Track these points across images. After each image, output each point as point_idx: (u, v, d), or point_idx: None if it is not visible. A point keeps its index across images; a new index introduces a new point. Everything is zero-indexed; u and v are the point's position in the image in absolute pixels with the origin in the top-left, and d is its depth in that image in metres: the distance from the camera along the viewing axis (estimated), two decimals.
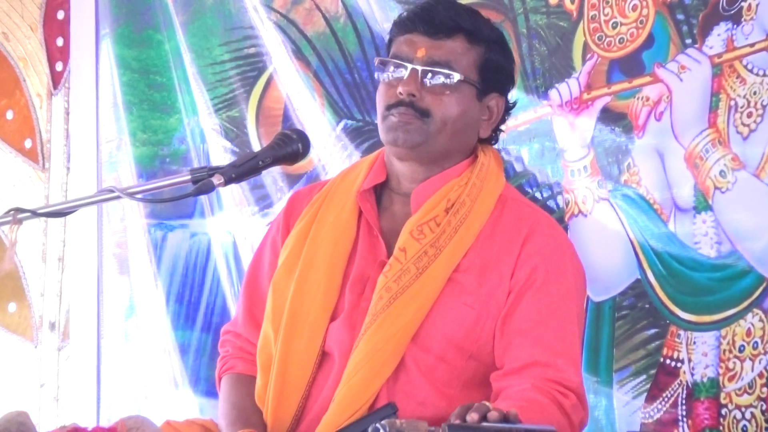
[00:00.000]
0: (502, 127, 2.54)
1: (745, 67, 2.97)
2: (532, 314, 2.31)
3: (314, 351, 2.37)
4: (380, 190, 2.47)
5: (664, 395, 3.07)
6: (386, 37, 2.56)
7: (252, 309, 2.53)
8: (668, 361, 3.07)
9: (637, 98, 3.16)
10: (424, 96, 2.37)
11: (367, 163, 2.49)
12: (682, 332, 3.05)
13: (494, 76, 2.43)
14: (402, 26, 2.44)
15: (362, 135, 3.78)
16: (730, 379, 2.95)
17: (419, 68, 2.37)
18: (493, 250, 2.36)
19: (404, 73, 2.38)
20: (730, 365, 2.95)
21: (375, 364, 2.29)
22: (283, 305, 2.41)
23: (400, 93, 2.37)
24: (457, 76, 2.36)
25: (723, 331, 2.97)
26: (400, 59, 2.39)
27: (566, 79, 3.32)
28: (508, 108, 2.50)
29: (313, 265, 2.41)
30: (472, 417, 1.92)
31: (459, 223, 2.36)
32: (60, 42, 4.74)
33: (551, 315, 2.31)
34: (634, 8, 3.20)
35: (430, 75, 2.37)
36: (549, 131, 3.34)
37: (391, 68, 2.41)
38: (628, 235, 3.15)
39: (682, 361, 3.04)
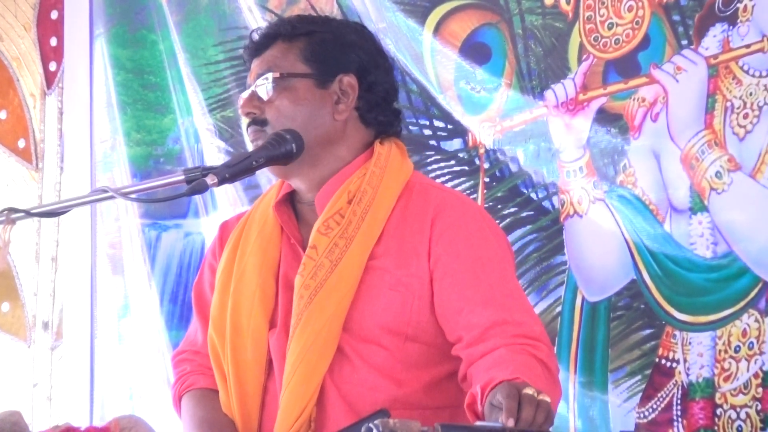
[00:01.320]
0: (387, 106, 2.49)
1: (741, 68, 2.97)
2: (470, 281, 2.30)
3: (261, 361, 2.39)
4: (295, 204, 2.49)
5: (659, 395, 3.07)
6: (382, 37, 2.58)
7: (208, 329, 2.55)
8: (663, 362, 3.07)
9: (633, 99, 3.16)
10: (263, 109, 2.41)
11: (279, 182, 2.52)
12: (677, 333, 3.05)
13: (329, 60, 2.43)
14: (246, 62, 2.51)
15: None
16: (726, 379, 2.95)
17: (252, 87, 2.42)
18: (406, 234, 2.36)
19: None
20: (726, 365, 2.95)
21: (309, 362, 2.31)
22: (224, 323, 2.43)
23: (244, 115, 2.44)
24: (273, 76, 2.39)
25: (719, 332, 2.97)
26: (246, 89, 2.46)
27: (562, 80, 3.32)
28: (375, 84, 2.46)
29: (245, 279, 2.43)
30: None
31: (364, 212, 2.37)
32: (54, 42, 4.73)
33: (489, 276, 2.30)
34: (630, 9, 3.20)
35: (259, 88, 2.41)
36: (545, 132, 3.34)
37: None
38: (623, 236, 3.15)
39: (678, 362, 3.04)
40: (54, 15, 4.73)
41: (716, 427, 2.96)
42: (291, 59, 2.42)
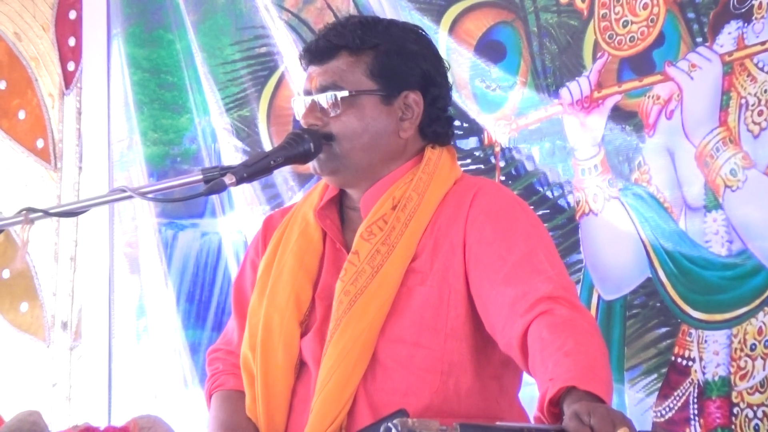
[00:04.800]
0: (448, 120, 2.50)
1: (756, 65, 2.96)
2: (496, 264, 2.27)
3: (291, 364, 2.39)
4: (341, 208, 2.49)
5: (675, 394, 3.07)
6: None
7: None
8: (679, 360, 3.07)
9: (648, 97, 3.16)
10: (326, 121, 2.39)
11: (324, 183, 2.51)
12: (693, 331, 3.05)
13: (395, 75, 2.42)
14: (302, 63, 2.49)
15: None
16: (742, 377, 2.95)
17: (314, 97, 2.40)
18: (443, 225, 2.36)
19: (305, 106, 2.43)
20: (742, 364, 2.95)
21: (346, 368, 2.30)
22: (257, 323, 2.43)
23: (305, 126, 2.42)
24: (343, 93, 2.38)
25: (734, 330, 2.96)
26: (303, 95, 2.44)
27: (577, 78, 3.32)
28: (437, 99, 2.46)
29: (281, 281, 2.43)
30: None
31: (408, 218, 2.36)
32: (72, 42, 4.74)
33: (514, 254, 2.27)
34: (645, 7, 3.20)
35: (323, 100, 2.39)
36: (560, 130, 3.34)
37: (299, 106, 2.45)
38: (638, 234, 3.15)
39: (694, 360, 3.04)
40: (72, 15, 4.74)
41: (733, 426, 2.96)
42: (358, 74, 2.40)
